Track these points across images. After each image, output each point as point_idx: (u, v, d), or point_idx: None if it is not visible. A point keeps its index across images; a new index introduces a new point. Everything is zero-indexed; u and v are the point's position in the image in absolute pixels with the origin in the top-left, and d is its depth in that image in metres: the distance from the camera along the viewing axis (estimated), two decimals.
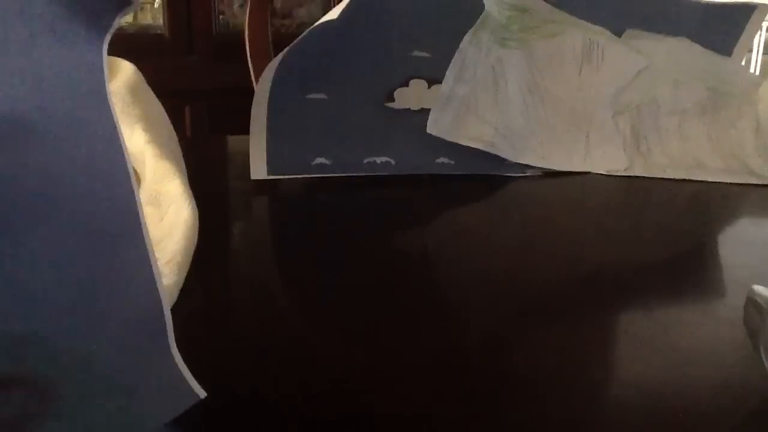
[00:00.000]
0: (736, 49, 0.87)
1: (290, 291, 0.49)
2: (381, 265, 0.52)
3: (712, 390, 0.35)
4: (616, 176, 0.78)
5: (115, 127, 0.26)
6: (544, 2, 0.80)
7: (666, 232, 0.62)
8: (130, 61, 0.58)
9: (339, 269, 0.50)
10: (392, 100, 0.78)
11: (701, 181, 0.77)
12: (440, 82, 0.77)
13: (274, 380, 0.34)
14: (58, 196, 0.24)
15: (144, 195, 0.50)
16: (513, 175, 0.77)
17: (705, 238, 0.62)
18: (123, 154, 0.27)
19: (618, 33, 0.83)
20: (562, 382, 0.35)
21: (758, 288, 0.35)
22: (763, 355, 0.34)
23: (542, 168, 0.78)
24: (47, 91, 0.24)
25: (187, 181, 0.51)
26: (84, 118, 0.25)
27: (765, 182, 0.76)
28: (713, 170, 0.79)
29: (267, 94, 0.72)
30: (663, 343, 0.40)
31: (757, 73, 3.80)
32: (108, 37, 0.26)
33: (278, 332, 0.40)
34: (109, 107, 0.26)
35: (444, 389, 0.34)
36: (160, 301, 0.32)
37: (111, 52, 0.28)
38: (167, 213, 0.48)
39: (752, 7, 0.87)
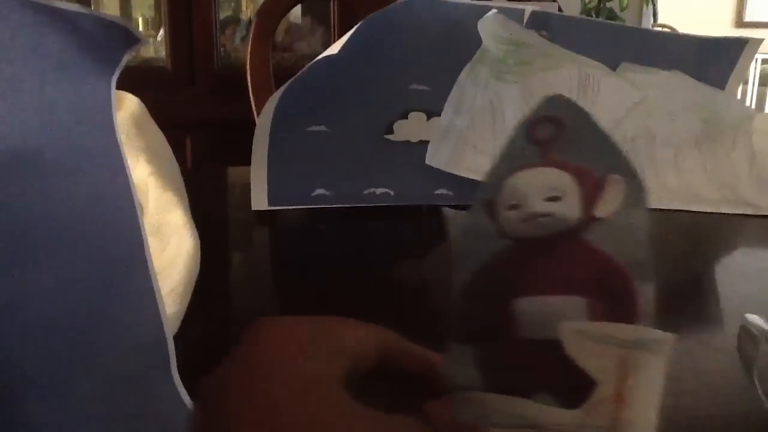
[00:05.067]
0: (730, 82, 0.88)
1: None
2: (380, 295, 0.52)
3: (707, 418, 0.35)
4: None
5: (123, 159, 0.27)
6: (539, 37, 0.82)
7: (661, 262, 0.62)
8: (133, 94, 0.59)
9: (338, 299, 0.51)
10: (392, 132, 0.79)
11: (697, 212, 0.77)
12: (439, 115, 0.78)
13: None
14: (66, 226, 0.25)
15: (147, 226, 0.50)
16: None
17: (700, 267, 0.63)
18: (129, 186, 0.28)
19: (613, 67, 0.84)
20: None
21: (752, 317, 0.36)
22: (757, 383, 0.34)
23: None
24: (58, 124, 0.25)
25: (189, 211, 0.52)
26: (93, 150, 0.26)
27: (759, 212, 0.77)
28: (708, 201, 0.80)
29: (268, 126, 0.73)
30: None
31: (753, 105, 3.83)
32: (117, 73, 0.27)
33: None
34: (117, 140, 0.27)
35: None
36: (163, 330, 0.32)
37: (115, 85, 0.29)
38: (169, 244, 0.48)
39: (744, 41, 0.88)
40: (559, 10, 0.90)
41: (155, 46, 1.74)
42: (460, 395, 0.23)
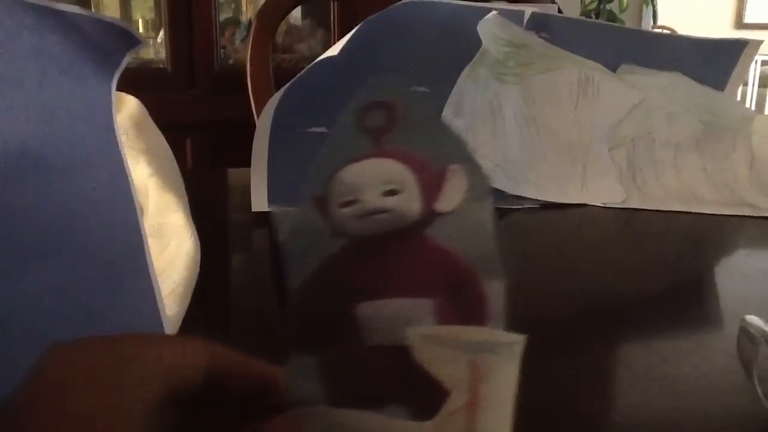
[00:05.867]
0: (730, 83, 0.88)
1: (291, 321, 0.49)
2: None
3: (707, 419, 0.35)
4: (613, 208, 0.78)
5: (123, 161, 0.27)
6: (539, 39, 0.82)
7: (661, 264, 0.62)
8: (134, 95, 0.59)
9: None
10: None
11: (696, 213, 0.77)
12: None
13: None
14: (67, 227, 0.25)
15: (147, 227, 0.50)
16: (511, 207, 0.77)
17: (700, 269, 0.63)
18: (130, 188, 0.28)
19: (613, 68, 0.85)
20: (560, 413, 0.36)
21: (751, 318, 0.36)
22: (756, 384, 0.34)
23: (540, 200, 0.79)
24: (59, 126, 0.25)
25: (189, 213, 0.52)
26: (93, 152, 0.26)
27: (759, 214, 0.77)
28: (708, 202, 0.80)
29: (268, 128, 0.73)
30: (659, 373, 0.40)
31: (753, 106, 3.83)
32: (117, 75, 0.27)
33: (278, 362, 0.40)
34: (117, 141, 0.27)
35: None
36: (163, 331, 0.33)
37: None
38: (169, 245, 0.48)
39: (744, 43, 0.88)
40: (559, 11, 0.90)
41: (155, 47, 1.74)
42: (304, 411, 0.21)
